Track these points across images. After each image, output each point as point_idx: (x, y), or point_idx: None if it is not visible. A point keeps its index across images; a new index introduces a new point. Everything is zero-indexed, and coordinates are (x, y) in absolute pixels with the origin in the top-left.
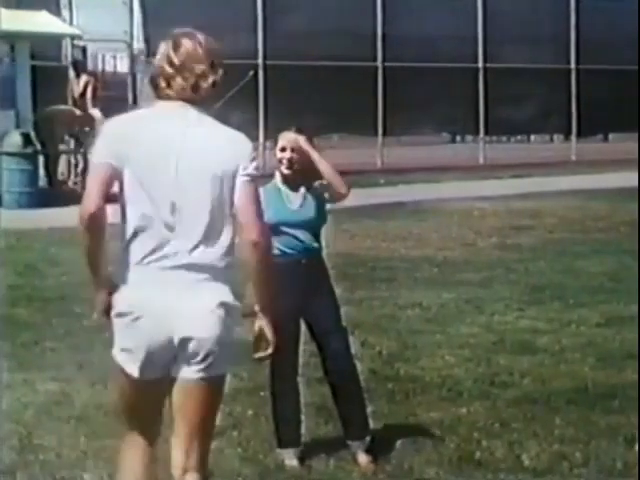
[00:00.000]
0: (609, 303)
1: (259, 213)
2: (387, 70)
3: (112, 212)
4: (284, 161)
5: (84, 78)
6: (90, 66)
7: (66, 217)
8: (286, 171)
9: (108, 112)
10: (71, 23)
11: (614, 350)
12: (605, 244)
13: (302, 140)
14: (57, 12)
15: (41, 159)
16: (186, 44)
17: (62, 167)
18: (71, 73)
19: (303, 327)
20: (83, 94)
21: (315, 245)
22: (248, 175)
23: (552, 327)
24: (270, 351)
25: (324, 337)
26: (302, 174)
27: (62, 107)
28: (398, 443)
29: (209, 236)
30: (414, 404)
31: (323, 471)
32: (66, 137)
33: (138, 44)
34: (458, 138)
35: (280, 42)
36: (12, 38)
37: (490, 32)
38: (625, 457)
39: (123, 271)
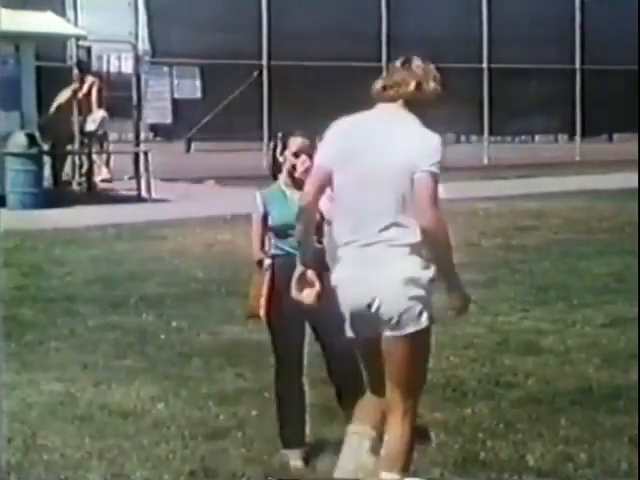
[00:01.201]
0: (614, 304)
1: (434, 203)
2: None
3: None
4: (298, 166)
5: (89, 79)
6: (95, 67)
7: (70, 218)
8: (301, 176)
9: (113, 112)
10: (76, 24)
11: (619, 351)
12: (610, 244)
13: None
14: (62, 13)
15: (48, 159)
16: (414, 60)
17: (67, 168)
18: (75, 73)
19: (307, 328)
20: (88, 94)
21: (318, 245)
22: (428, 170)
23: (557, 327)
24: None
25: (328, 337)
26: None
27: (63, 92)
28: None
29: (396, 220)
30: (419, 404)
31: (327, 471)
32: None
33: (143, 45)
34: (462, 138)
35: (285, 42)
36: (17, 39)
37: (494, 32)
38: (630, 458)
39: (333, 252)
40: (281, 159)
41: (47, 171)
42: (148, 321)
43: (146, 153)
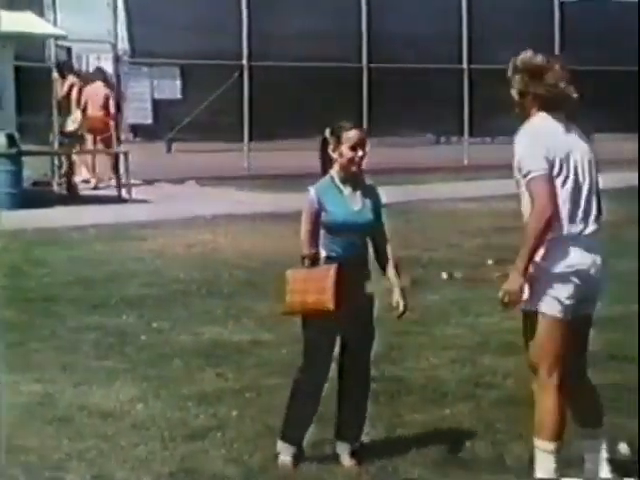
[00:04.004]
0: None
1: None
2: (372, 71)
3: None
4: (356, 160)
5: (70, 79)
6: (74, 67)
7: (50, 218)
8: (357, 170)
9: None
10: (55, 24)
11: (597, 351)
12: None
13: None
14: (41, 13)
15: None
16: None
17: (46, 168)
18: (55, 74)
19: None
20: (68, 95)
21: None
22: None
23: None
24: None
25: (352, 330)
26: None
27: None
28: (382, 444)
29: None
30: (399, 405)
31: (307, 471)
32: (51, 138)
33: (122, 45)
34: (443, 139)
35: (265, 43)
36: None
37: (475, 33)
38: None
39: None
40: (335, 155)
41: (27, 172)
42: (128, 322)
43: (126, 154)
